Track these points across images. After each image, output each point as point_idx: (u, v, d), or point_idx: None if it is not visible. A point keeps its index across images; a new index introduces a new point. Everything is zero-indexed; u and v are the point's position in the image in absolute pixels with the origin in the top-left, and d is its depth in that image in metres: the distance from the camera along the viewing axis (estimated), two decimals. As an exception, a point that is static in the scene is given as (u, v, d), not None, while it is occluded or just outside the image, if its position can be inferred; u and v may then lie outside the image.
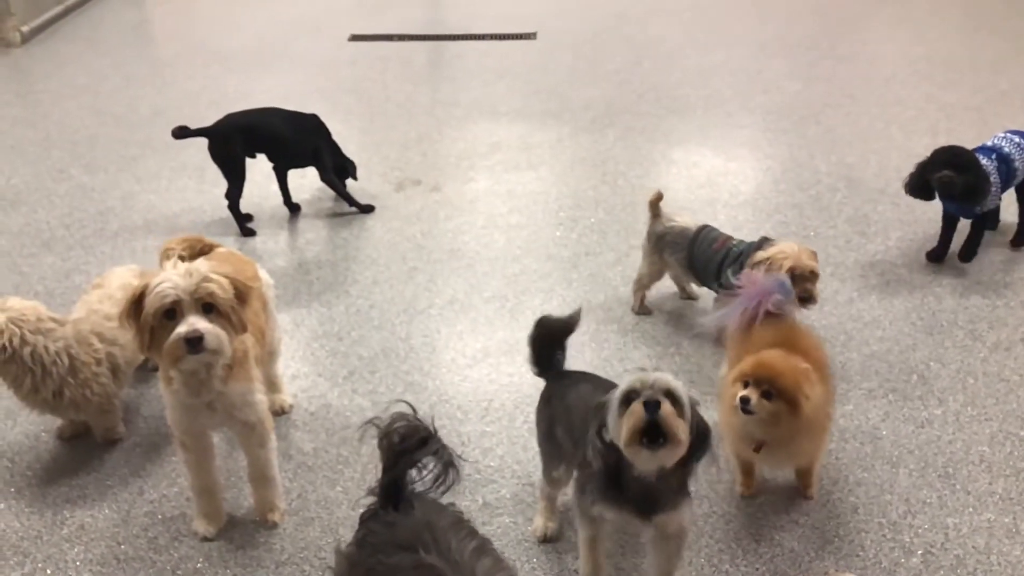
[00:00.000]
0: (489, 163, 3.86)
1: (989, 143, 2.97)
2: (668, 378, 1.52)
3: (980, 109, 4.20)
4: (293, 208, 3.47)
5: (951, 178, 2.81)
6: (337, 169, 3.42)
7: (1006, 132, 3.01)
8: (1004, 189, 2.96)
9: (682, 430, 1.49)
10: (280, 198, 3.46)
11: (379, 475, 1.42)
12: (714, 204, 3.46)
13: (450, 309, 2.84)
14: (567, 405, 1.81)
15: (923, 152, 3.00)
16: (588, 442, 1.59)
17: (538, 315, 2.00)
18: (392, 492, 1.41)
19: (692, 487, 1.66)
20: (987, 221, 3.03)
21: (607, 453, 1.57)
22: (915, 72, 4.69)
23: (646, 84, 4.66)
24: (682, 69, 4.85)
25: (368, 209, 3.45)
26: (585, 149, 3.97)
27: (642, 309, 2.82)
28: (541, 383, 2.03)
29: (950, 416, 2.35)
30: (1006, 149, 2.91)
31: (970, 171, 2.81)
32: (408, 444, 1.40)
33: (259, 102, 4.25)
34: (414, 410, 1.45)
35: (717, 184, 3.62)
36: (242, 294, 1.82)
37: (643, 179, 3.68)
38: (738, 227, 3.29)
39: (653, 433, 1.47)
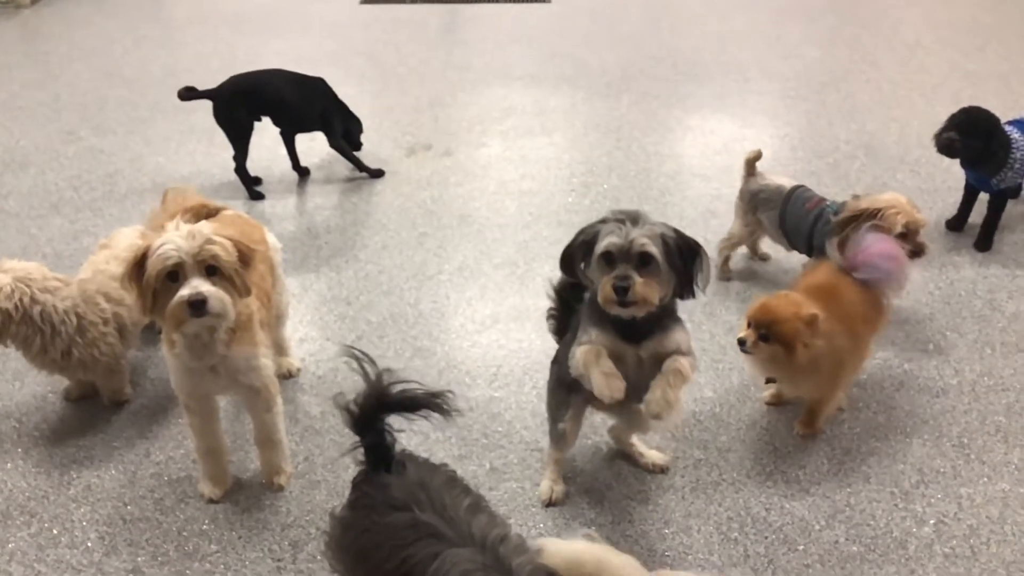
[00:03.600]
0: (502, 128, 3.81)
1: (1022, 116, 2.87)
2: (644, 242, 1.60)
3: (1006, 77, 4.09)
4: (302, 172, 3.44)
5: (952, 140, 2.74)
6: (345, 130, 3.37)
7: None
8: None
9: (652, 293, 1.62)
10: (289, 162, 3.43)
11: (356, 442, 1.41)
12: (730, 171, 3.40)
13: (459, 275, 2.81)
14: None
15: (942, 120, 2.92)
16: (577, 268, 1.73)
17: (548, 282, 1.98)
18: (381, 454, 1.39)
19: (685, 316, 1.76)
20: (1006, 198, 2.92)
21: (592, 285, 1.70)
22: (939, 39, 4.58)
23: (663, 49, 4.57)
24: (700, 34, 4.75)
25: (378, 174, 3.41)
26: (600, 114, 3.90)
27: (725, 271, 2.77)
28: (550, 350, 2.00)
29: (966, 386, 2.31)
30: None
31: (979, 136, 2.72)
32: (366, 410, 1.39)
33: (270, 65, 4.22)
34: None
35: (733, 151, 3.55)
36: (246, 257, 1.79)
37: (658, 145, 3.61)
38: (754, 194, 3.23)
39: (626, 297, 1.61)
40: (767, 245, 2.86)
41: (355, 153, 3.40)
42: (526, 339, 2.50)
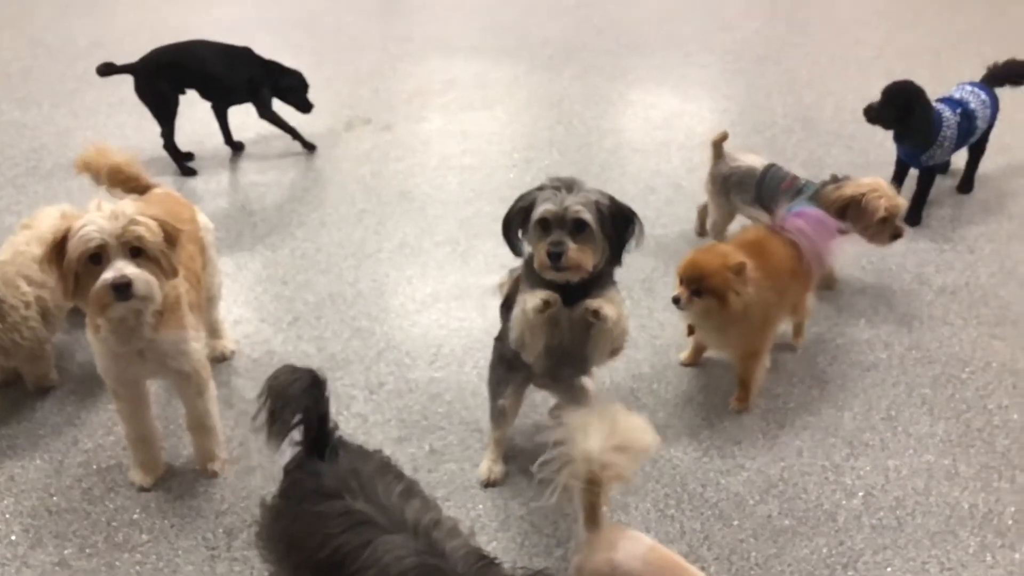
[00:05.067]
0: (443, 101, 3.75)
1: (956, 95, 2.92)
2: (577, 207, 1.64)
3: (937, 51, 4.17)
4: (236, 147, 3.34)
5: (871, 107, 2.82)
6: (283, 90, 3.23)
7: (972, 87, 2.95)
8: (960, 145, 2.94)
9: (587, 260, 1.66)
10: (222, 135, 3.33)
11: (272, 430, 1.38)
12: (669, 146, 3.41)
13: (400, 253, 2.77)
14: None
15: (877, 95, 2.97)
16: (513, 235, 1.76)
17: (489, 260, 1.96)
18: (318, 441, 1.37)
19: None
20: (935, 173, 3.00)
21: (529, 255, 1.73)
22: (875, 12, 4.65)
23: (606, 20, 4.55)
24: (643, 5, 4.74)
25: (310, 147, 3.33)
26: (542, 88, 3.87)
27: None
28: (492, 328, 2.00)
29: (895, 359, 2.37)
30: (972, 105, 2.87)
31: (898, 107, 2.78)
32: (281, 402, 1.37)
33: (203, 35, 4.07)
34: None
35: (673, 126, 3.56)
36: (172, 237, 1.73)
37: (599, 120, 3.61)
38: (693, 169, 3.25)
39: (560, 262, 1.65)
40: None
41: (301, 117, 3.31)
42: (467, 318, 2.48)
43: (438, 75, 3.97)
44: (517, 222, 1.74)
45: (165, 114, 3.08)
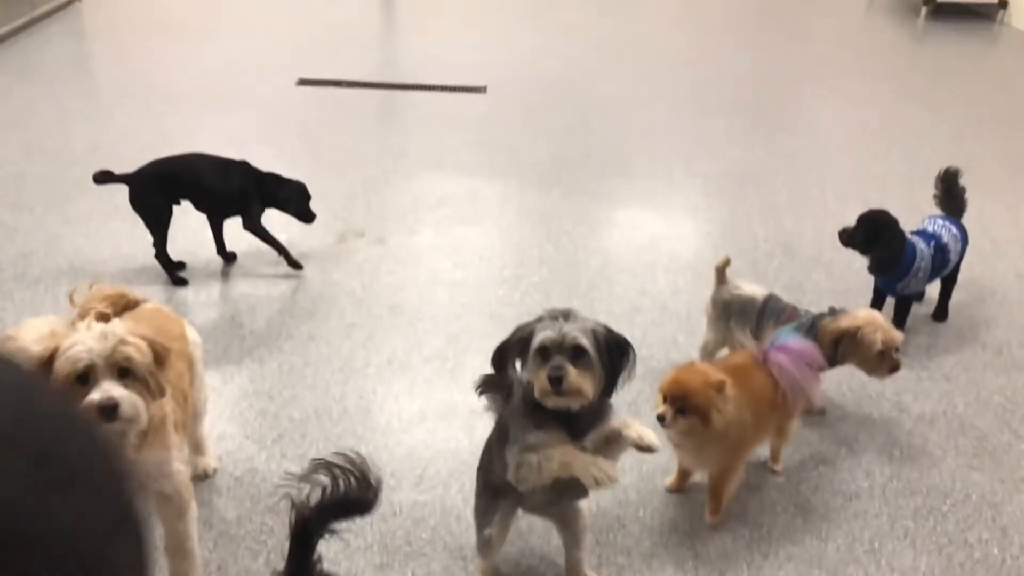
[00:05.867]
0: (435, 216, 3.85)
1: (930, 229, 3.05)
2: (575, 333, 1.69)
3: (908, 179, 4.36)
4: (228, 257, 3.39)
5: (844, 229, 2.97)
6: (282, 201, 3.29)
7: (944, 220, 3.08)
8: (933, 278, 3.05)
9: (587, 385, 1.69)
10: (215, 245, 3.39)
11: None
12: (654, 267, 3.50)
13: (388, 368, 2.79)
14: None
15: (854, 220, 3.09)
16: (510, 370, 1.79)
17: (477, 376, 1.99)
18: (298, 571, 1.36)
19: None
20: (911, 301, 3.09)
21: (528, 385, 1.76)
22: (850, 140, 4.87)
23: (593, 142, 4.73)
24: (628, 128, 4.94)
25: (297, 266, 3.31)
26: (531, 206, 3.99)
27: None
28: (478, 450, 2.00)
29: (876, 490, 2.39)
30: (945, 239, 3.00)
31: (865, 230, 2.91)
32: (326, 507, 1.37)
33: (201, 143, 4.19)
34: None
35: (658, 247, 3.67)
36: (161, 357, 1.76)
37: (587, 239, 3.71)
38: (678, 291, 3.33)
39: (561, 387, 1.68)
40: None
41: (295, 228, 3.35)
42: (453, 438, 2.48)
43: (432, 190, 4.09)
44: (515, 352, 1.77)
45: (158, 225, 3.13)
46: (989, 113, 5.39)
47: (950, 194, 3.16)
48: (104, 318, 1.84)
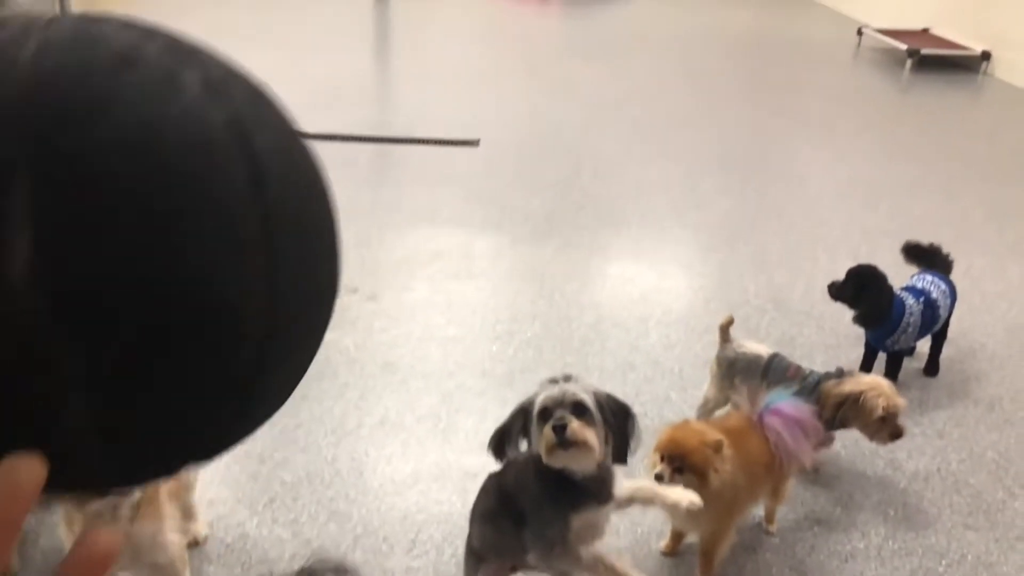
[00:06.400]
0: (429, 271, 3.88)
1: (919, 285, 3.08)
2: (575, 390, 1.74)
3: (897, 234, 4.40)
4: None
5: (833, 282, 3.00)
6: None
7: (933, 276, 3.12)
8: (923, 334, 3.08)
9: (592, 437, 1.71)
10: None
11: None
12: (647, 321, 3.52)
13: (380, 429, 2.79)
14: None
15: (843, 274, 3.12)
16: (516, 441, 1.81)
17: (470, 437, 2.01)
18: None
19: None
20: (902, 356, 3.11)
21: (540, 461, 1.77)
22: (839, 194, 4.93)
23: (585, 195, 4.79)
24: (620, 182, 5.00)
25: None
26: (524, 260, 4.02)
27: None
28: (468, 513, 2.00)
29: (872, 550, 2.38)
30: (934, 295, 3.03)
31: (853, 284, 2.95)
32: None
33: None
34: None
35: (651, 301, 3.69)
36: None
37: (579, 294, 3.73)
38: (670, 346, 3.34)
39: (567, 442, 1.70)
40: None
41: None
42: (447, 501, 2.47)
43: (425, 245, 4.12)
44: (517, 427, 1.79)
45: None
46: (975, 165, 5.48)
47: (931, 260, 3.19)
48: None
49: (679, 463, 2.03)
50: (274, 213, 0.45)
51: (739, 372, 2.69)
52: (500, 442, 1.81)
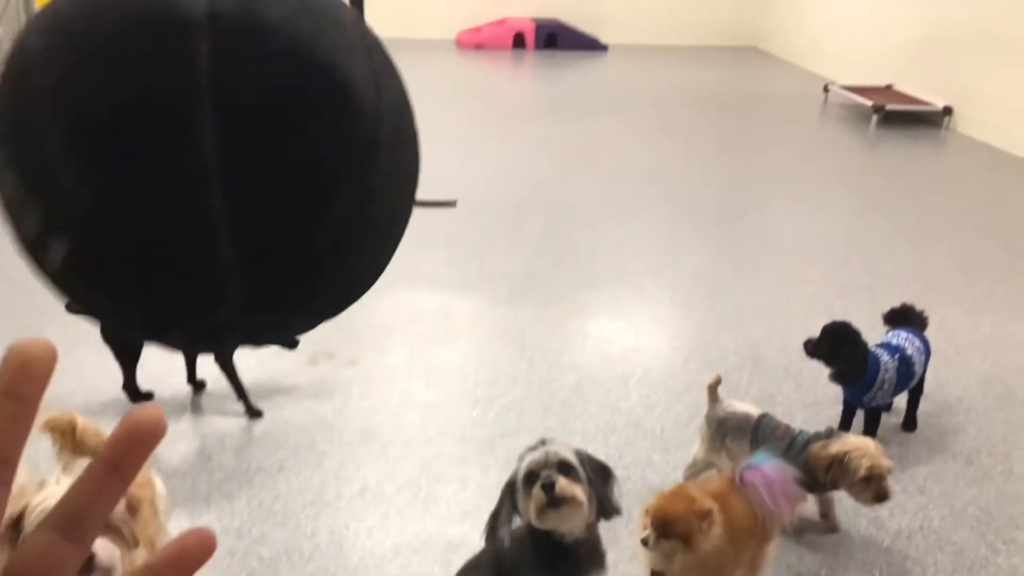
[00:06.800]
0: (407, 335, 3.87)
1: (894, 342, 3.12)
2: (559, 450, 1.79)
3: (870, 288, 4.48)
4: (198, 386, 3.36)
5: (809, 340, 3.02)
6: None
7: (907, 332, 3.16)
8: (899, 391, 3.10)
9: (580, 492, 1.76)
10: (185, 372, 3.36)
11: None
12: (628, 382, 3.52)
13: (360, 500, 2.74)
14: None
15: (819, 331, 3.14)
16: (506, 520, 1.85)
17: (451, 507, 2.00)
18: None
19: None
20: (880, 412, 3.13)
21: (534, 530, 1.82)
22: (811, 249, 5.01)
23: (562, 254, 4.82)
24: (596, 239, 5.05)
25: (256, 414, 3.17)
26: (503, 321, 4.02)
27: None
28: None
29: (861, 614, 2.35)
30: (909, 351, 3.07)
31: (828, 341, 2.98)
32: None
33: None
34: None
35: (631, 360, 3.70)
36: (133, 506, 1.73)
37: (559, 355, 3.73)
38: (651, 407, 3.34)
39: (555, 501, 1.75)
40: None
41: (263, 353, 3.35)
42: (428, 573, 2.42)
43: (403, 307, 4.12)
44: (507, 510, 1.83)
45: (129, 360, 3.11)
46: (942, 218, 5.61)
47: (907, 318, 3.24)
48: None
49: (667, 529, 2.05)
50: (381, 72, 0.62)
51: (729, 431, 2.70)
52: (493, 525, 1.82)
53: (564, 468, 1.77)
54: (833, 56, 10.22)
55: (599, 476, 1.84)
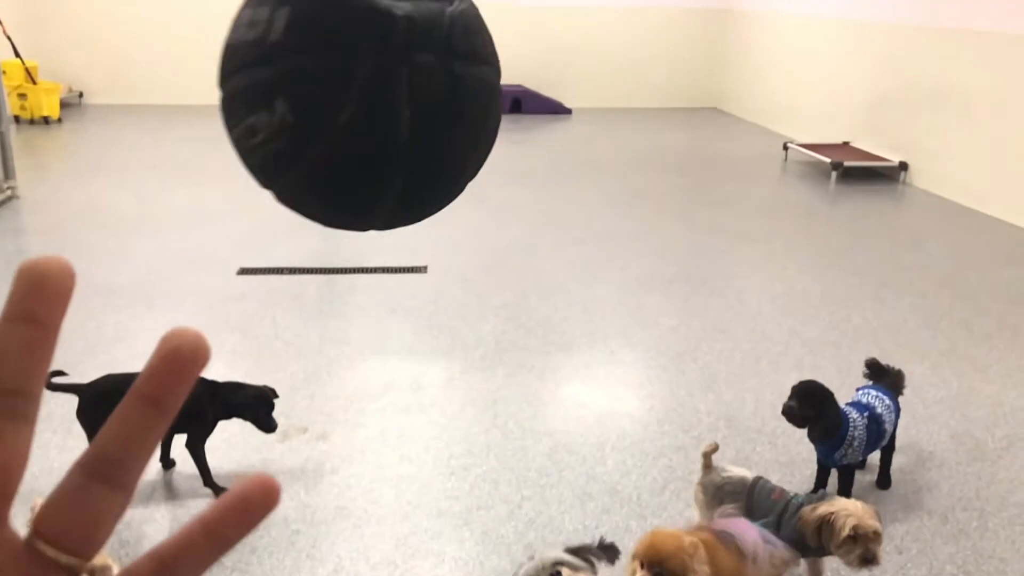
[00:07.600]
0: (379, 406, 3.83)
1: (863, 400, 3.16)
2: (556, 555, 1.89)
3: (838, 344, 4.54)
4: (167, 464, 3.29)
5: (791, 407, 3.01)
6: (238, 407, 3.09)
7: (876, 391, 3.20)
8: (872, 449, 3.13)
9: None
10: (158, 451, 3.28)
11: None
12: (603, 447, 3.51)
13: (333, 581, 2.68)
14: None
15: (788, 390, 3.17)
16: None
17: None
18: None
19: None
20: (853, 470, 3.15)
21: None
22: (778, 308, 5.08)
23: (532, 318, 4.84)
24: (566, 303, 5.08)
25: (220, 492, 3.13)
26: (476, 389, 4.01)
27: None
28: None
29: None
30: (879, 410, 3.10)
31: (813, 406, 2.99)
32: None
33: (140, 343, 4.16)
34: None
35: (606, 425, 3.69)
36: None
37: (533, 421, 3.71)
38: (627, 472, 3.33)
39: None
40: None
41: (235, 427, 3.29)
42: (404, 658, 2.36)
43: (375, 378, 4.09)
44: None
45: None
46: (904, 272, 5.73)
47: (884, 376, 3.29)
48: None
49: (659, 568, 2.07)
50: (457, 24, 0.78)
51: (727, 496, 2.71)
52: None
53: (565, 566, 1.90)
54: (792, 115, 10.54)
55: (608, 554, 2.04)
